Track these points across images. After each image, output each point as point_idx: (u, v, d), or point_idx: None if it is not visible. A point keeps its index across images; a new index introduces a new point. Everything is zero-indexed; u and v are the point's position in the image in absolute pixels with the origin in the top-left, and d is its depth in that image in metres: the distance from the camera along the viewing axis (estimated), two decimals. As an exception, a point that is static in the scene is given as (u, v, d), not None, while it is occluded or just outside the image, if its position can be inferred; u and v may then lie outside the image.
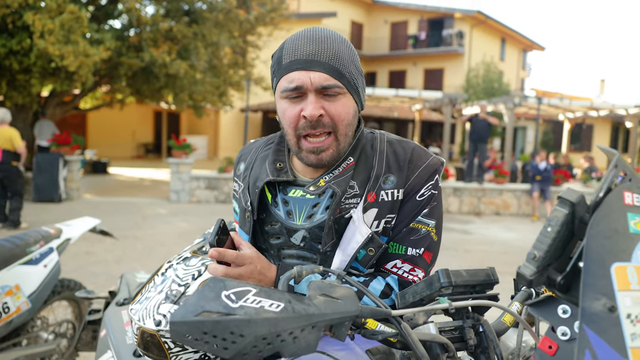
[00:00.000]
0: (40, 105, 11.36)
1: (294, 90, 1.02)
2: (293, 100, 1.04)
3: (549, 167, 10.49)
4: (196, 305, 0.59)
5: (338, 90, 1.03)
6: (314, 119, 1.01)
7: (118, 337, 1.43)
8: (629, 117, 13.94)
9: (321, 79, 1.01)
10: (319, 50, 1.01)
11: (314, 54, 1.01)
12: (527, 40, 31.91)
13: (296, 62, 1.01)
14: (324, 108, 1.03)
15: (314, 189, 1.09)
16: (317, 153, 1.05)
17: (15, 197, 6.99)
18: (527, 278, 0.65)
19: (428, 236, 1.10)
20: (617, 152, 0.70)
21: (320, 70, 1.01)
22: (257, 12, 11.91)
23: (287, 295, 0.64)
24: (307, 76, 1.01)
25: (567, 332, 0.67)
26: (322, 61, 1.01)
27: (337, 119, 1.04)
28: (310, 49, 1.01)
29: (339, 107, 1.04)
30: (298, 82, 1.01)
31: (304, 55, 1.01)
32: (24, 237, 2.43)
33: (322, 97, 1.03)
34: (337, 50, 1.03)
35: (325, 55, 1.01)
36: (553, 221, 0.65)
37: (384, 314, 0.70)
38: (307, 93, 1.02)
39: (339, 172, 1.09)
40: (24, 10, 8.39)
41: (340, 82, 1.03)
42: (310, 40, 1.02)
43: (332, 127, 1.04)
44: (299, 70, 1.01)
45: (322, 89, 1.01)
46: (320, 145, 1.04)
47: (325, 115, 1.03)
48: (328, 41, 1.02)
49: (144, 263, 5.33)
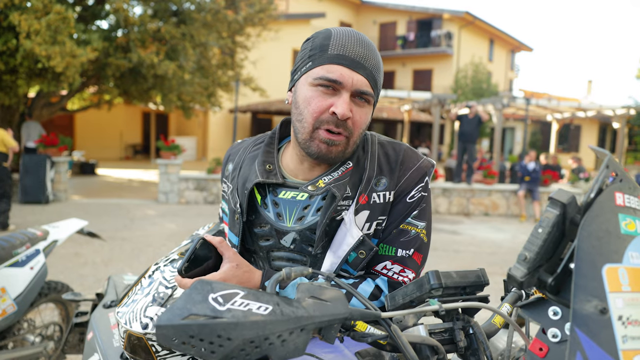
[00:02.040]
0: (27, 106, 11.22)
1: (332, 82, 1.01)
2: (325, 90, 1.03)
3: (537, 168, 10.57)
4: (183, 308, 0.58)
5: (368, 99, 1.05)
6: (344, 118, 1.01)
7: (105, 340, 1.41)
8: (616, 117, 14.10)
9: (363, 83, 1.02)
10: (367, 56, 1.03)
11: (362, 57, 1.02)
12: (515, 41, 32.17)
13: (344, 57, 1.01)
14: (352, 111, 1.03)
15: (313, 189, 1.07)
16: (330, 145, 1.04)
17: (3, 199, 6.90)
18: (518, 280, 0.65)
19: (418, 237, 1.09)
20: (608, 152, 0.69)
21: (363, 75, 1.02)
22: (246, 13, 11.87)
23: (276, 297, 0.63)
24: (351, 75, 1.01)
25: (558, 334, 0.66)
26: (367, 67, 1.02)
27: (357, 125, 1.05)
28: (360, 51, 1.02)
29: (362, 115, 1.05)
30: (340, 77, 1.01)
31: (353, 54, 1.01)
32: (10, 239, 2.39)
33: (353, 100, 1.04)
34: (379, 61, 1.06)
35: (370, 62, 1.03)
36: (544, 222, 0.65)
37: (374, 316, 0.70)
38: (342, 91, 1.02)
39: (338, 175, 1.09)
40: (9, 10, 8.29)
41: (374, 91, 1.05)
42: (360, 42, 1.03)
43: (350, 132, 1.04)
44: (344, 66, 1.01)
45: (359, 93, 1.02)
46: (336, 138, 1.04)
47: (350, 119, 1.03)
48: (373, 50, 1.05)
49: (133, 265, 5.28)
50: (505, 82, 32.52)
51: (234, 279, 1.00)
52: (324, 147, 1.04)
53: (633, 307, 0.59)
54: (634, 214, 0.66)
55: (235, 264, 1.01)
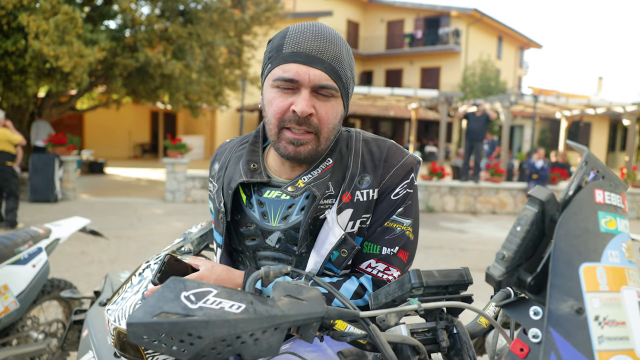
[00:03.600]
0: (36, 106, 11.33)
1: (289, 82, 1.00)
2: (284, 91, 1.01)
3: (545, 166, 10.49)
4: (154, 306, 0.58)
5: (332, 92, 1.01)
6: (304, 115, 0.99)
7: (100, 337, 1.42)
8: (626, 114, 13.93)
9: (320, 77, 0.99)
10: (323, 48, 0.99)
11: (318, 51, 0.99)
12: (524, 38, 31.91)
13: (298, 54, 0.99)
14: (315, 107, 1.01)
15: (293, 190, 1.07)
16: (296, 145, 1.02)
17: (10, 198, 6.98)
18: (496, 279, 0.64)
19: (403, 235, 1.08)
20: (586, 148, 0.68)
21: (320, 69, 0.99)
22: (252, 12, 11.88)
23: (250, 296, 0.62)
24: (307, 72, 0.98)
25: (539, 334, 0.65)
26: (324, 60, 0.99)
27: (324, 121, 1.02)
28: (314, 45, 0.99)
29: (328, 110, 1.02)
30: (296, 75, 0.99)
31: (307, 50, 0.99)
32: (13, 237, 2.42)
33: (315, 95, 1.01)
34: (339, 52, 1.01)
35: (328, 54, 0.99)
36: (522, 220, 0.64)
37: (352, 316, 0.69)
38: (301, 88, 1.00)
39: (317, 173, 1.08)
40: (18, 11, 8.37)
41: (337, 84, 1.01)
42: (315, 36, 1.00)
43: (316, 128, 1.02)
44: (299, 64, 0.99)
45: (318, 87, 1.00)
46: (301, 137, 1.02)
47: (314, 115, 1.01)
48: (332, 41, 1.01)
49: (138, 263, 5.30)
50: (514, 80, 32.27)
51: (212, 275, 1.01)
52: (291, 147, 1.03)
53: (610, 307, 0.58)
54: (615, 212, 0.64)
55: (210, 266, 1.03)
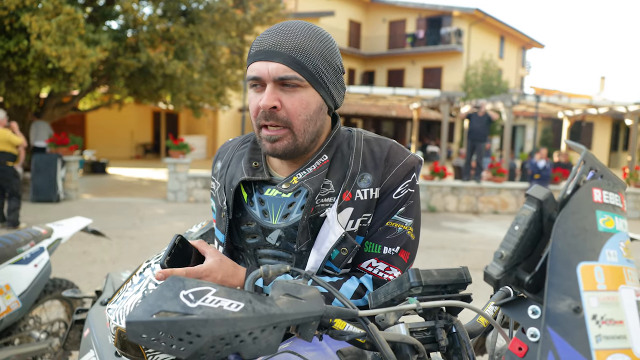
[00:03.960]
0: (39, 106, 11.36)
1: (254, 80, 1.03)
2: (256, 90, 1.04)
3: (548, 166, 10.47)
4: (153, 304, 0.58)
5: (297, 82, 1.01)
6: (267, 109, 1.00)
7: (101, 336, 1.42)
8: (628, 114, 13.89)
9: (279, 69, 1.00)
10: (282, 42, 1.00)
11: (276, 45, 1.00)
12: (526, 38, 31.86)
13: (259, 52, 1.02)
14: (281, 100, 1.02)
15: (287, 187, 1.08)
16: (271, 141, 1.04)
17: (13, 198, 7.00)
18: (494, 278, 0.64)
19: (404, 235, 1.08)
20: (584, 147, 0.68)
21: (279, 62, 1.00)
22: (254, 12, 11.88)
23: (249, 295, 0.63)
24: (267, 67, 1.00)
25: (537, 333, 0.65)
26: (283, 52, 1.00)
27: (292, 113, 1.02)
28: (273, 41, 1.01)
29: (295, 101, 1.02)
30: (257, 72, 1.01)
31: (266, 47, 1.01)
32: (15, 237, 2.42)
33: (281, 89, 1.02)
34: (301, 42, 1.01)
35: (286, 46, 1.00)
36: (520, 219, 0.64)
37: (350, 315, 0.69)
38: (266, 84, 1.02)
39: (312, 169, 1.08)
40: (21, 12, 8.39)
41: (301, 74, 1.00)
42: (275, 32, 1.02)
43: (286, 121, 1.02)
44: (260, 61, 1.01)
45: (279, 80, 1.00)
46: (274, 133, 1.03)
47: (281, 109, 1.02)
48: (293, 33, 1.01)
49: (140, 263, 5.30)
50: (516, 80, 32.23)
51: (219, 271, 1.02)
52: (269, 145, 1.05)
53: (608, 306, 0.58)
54: (613, 211, 0.64)
55: (219, 259, 1.03)
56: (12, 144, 6.98)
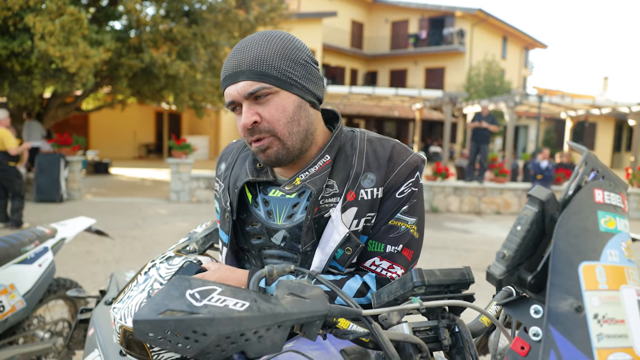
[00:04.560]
0: (42, 106, 11.39)
1: (230, 105, 1.06)
2: (237, 112, 1.08)
3: (550, 166, 10.45)
4: (160, 303, 0.59)
5: (266, 91, 1.02)
6: (248, 126, 1.03)
7: (105, 335, 1.43)
8: (631, 114, 13.86)
9: (245, 87, 1.02)
10: (240, 60, 1.02)
11: (237, 65, 1.03)
12: (529, 38, 31.82)
13: (226, 78, 1.05)
14: (259, 113, 1.04)
15: (290, 188, 1.09)
16: (262, 152, 1.07)
17: (16, 198, 7.02)
18: (497, 277, 0.64)
19: (408, 233, 1.09)
20: (586, 149, 0.69)
21: (243, 79, 1.02)
22: (257, 12, 11.90)
23: (254, 294, 0.63)
24: (235, 89, 1.03)
25: (539, 332, 0.66)
26: (244, 69, 1.02)
27: (272, 120, 1.04)
28: (233, 62, 1.03)
29: (272, 109, 1.04)
30: (230, 97, 1.05)
31: (229, 70, 1.04)
32: (19, 236, 2.44)
33: (255, 102, 1.04)
34: (258, 53, 1.02)
35: (245, 63, 1.02)
36: (522, 220, 0.65)
37: (354, 314, 0.70)
38: (242, 103, 1.04)
39: (314, 170, 1.09)
40: (24, 12, 8.42)
41: (266, 82, 1.02)
42: (234, 53, 1.04)
43: (269, 130, 1.04)
44: (229, 86, 1.04)
45: (249, 96, 1.02)
46: (261, 144, 1.06)
47: (261, 121, 1.04)
48: (249, 48, 1.03)
49: (143, 263, 5.32)
50: (519, 80, 32.19)
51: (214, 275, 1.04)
52: (262, 155, 1.08)
53: (609, 305, 0.59)
54: (615, 211, 0.65)
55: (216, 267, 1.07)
56: (6, 146, 6.90)
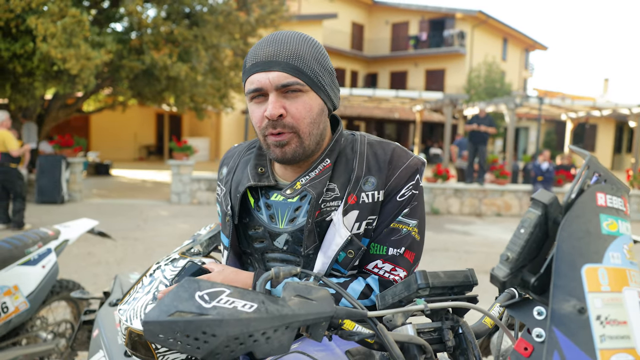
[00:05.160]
0: (43, 108, 11.42)
1: (255, 92, 1.04)
2: (258, 101, 1.06)
3: (551, 168, 10.46)
4: (170, 305, 0.60)
5: (299, 88, 1.03)
6: (274, 117, 1.02)
7: (110, 337, 1.44)
8: (632, 116, 13.85)
9: (280, 77, 1.02)
10: (278, 51, 1.03)
11: (273, 55, 1.02)
12: (529, 40, 31.84)
13: (256, 64, 1.04)
14: (285, 107, 1.04)
15: (291, 192, 1.10)
16: (280, 146, 1.06)
17: (17, 199, 7.04)
18: (500, 280, 0.65)
19: (409, 236, 1.10)
20: (588, 153, 0.70)
21: (278, 70, 1.02)
22: (258, 14, 11.92)
23: (261, 296, 0.64)
24: (267, 77, 1.02)
25: (542, 333, 0.66)
26: (281, 60, 1.02)
27: (298, 117, 1.04)
28: (269, 51, 1.03)
29: (299, 106, 1.04)
30: (258, 83, 1.03)
31: (263, 57, 1.03)
32: (23, 238, 2.45)
33: (283, 96, 1.04)
34: (297, 49, 1.03)
35: (283, 54, 1.02)
36: (526, 223, 0.66)
37: (360, 315, 0.71)
38: (269, 93, 1.04)
39: (315, 174, 1.10)
40: (27, 14, 8.44)
41: (301, 79, 1.03)
42: (269, 42, 1.04)
43: (292, 126, 1.04)
44: (259, 72, 1.03)
45: (281, 87, 1.02)
46: (281, 138, 1.05)
47: (286, 115, 1.04)
48: (287, 41, 1.04)
49: (145, 264, 5.34)
50: (520, 82, 32.20)
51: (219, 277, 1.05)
52: (278, 150, 1.07)
53: (612, 306, 0.60)
54: (617, 215, 0.66)
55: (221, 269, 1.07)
56: (6, 146, 6.93)
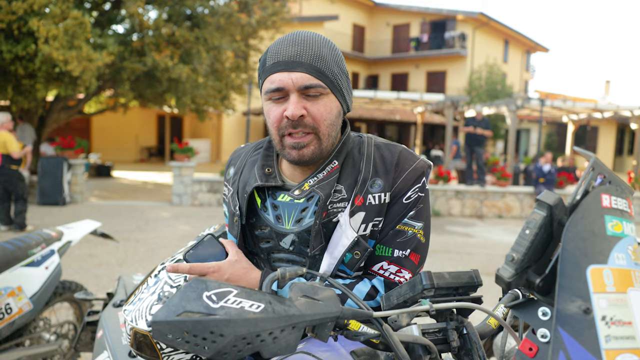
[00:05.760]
0: (45, 109, 11.44)
1: (276, 91, 1.04)
2: (276, 101, 1.06)
3: (552, 170, 10.46)
4: (178, 305, 0.60)
5: (320, 90, 1.04)
6: (295, 118, 1.02)
7: (114, 337, 1.44)
8: (634, 118, 13.85)
9: (303, 79, 1.02)
10: (301, 52, 1.03)
11: (296, 55, 1.03)
12: (530, 42, 31.84)
13: (278, 64, 1.04)
14: (306, 108, 1.04)
15: (299, 193, 1.11)
16: (298, 149, 1.06)
17: (19, 201, 7.05)
18: (506, 280, 0.66)
19: (415, 238, 1.10)
20: (592, 154, 0.70)
21: (302, 71, 1.02)
22: (259, 16, 11.94)
23: (268, 296, 0.65)
24: (289, 77, 1.02)
25: (547, 334, 0.67)
26: (304, 62, 1.02)
27: (318, 119, 1.05)
28: (292, 51, 1.03)
29: (320, 107, 1.05)
30: (280, 83, 1.03)
31: (286, 57, 1.03)
32: (26, 239, 2.45)
33: (304, 97, 1.04)
34: (319, 51, 1.04)
35: (307, 56, 1.03)
36: (531, 224, 0.66)
37: (366, 316, 0.71)
38: (290, 94, 1.04)
39: (323, 175, 1.11)
40: (29, 16, 8.47)
41: (323, 81, 1.04)
42: (292, 42, 1.04)
43: (313, 127, 1.05)
44: (281, 72, 1.03)
45: (304, 88, 1.03)
46: (301, 140, 1.05)
47: (307, 116, 1.04)
48: (310, 43, 1.04)
49: (146, 266, 5.35)
50: (521, 84, 32.19)
51: (227, 272, 1.05)
52: (295, 152, 1.07)
53: (617, 307, 0.60)
54: (621, 216, 0.67)
55: (234, 259, 1.06)
56: (7, 148, 6.94)
